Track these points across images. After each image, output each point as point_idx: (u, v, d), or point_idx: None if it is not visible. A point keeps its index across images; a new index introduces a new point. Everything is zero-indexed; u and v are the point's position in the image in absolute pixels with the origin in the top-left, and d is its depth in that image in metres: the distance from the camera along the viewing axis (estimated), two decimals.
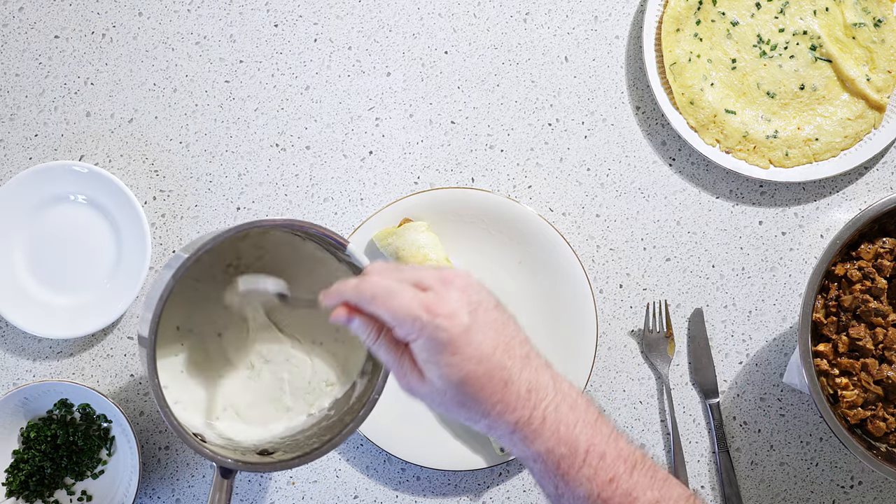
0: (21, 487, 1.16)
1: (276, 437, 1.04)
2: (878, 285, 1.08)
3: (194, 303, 1.05)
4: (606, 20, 1.23)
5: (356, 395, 1.03)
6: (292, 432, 1.04)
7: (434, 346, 0.76)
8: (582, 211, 1.22)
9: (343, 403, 1.04)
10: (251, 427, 1.05)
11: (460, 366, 0.76)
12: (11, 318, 1.16)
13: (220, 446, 0.99)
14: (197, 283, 1.04)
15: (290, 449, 1.01)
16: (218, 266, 1.05)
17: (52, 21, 1.22)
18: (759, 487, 1.20)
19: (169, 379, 1.03)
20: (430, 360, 0.77)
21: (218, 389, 1.05)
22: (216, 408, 1.05)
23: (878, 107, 1.20)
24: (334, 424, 1.02)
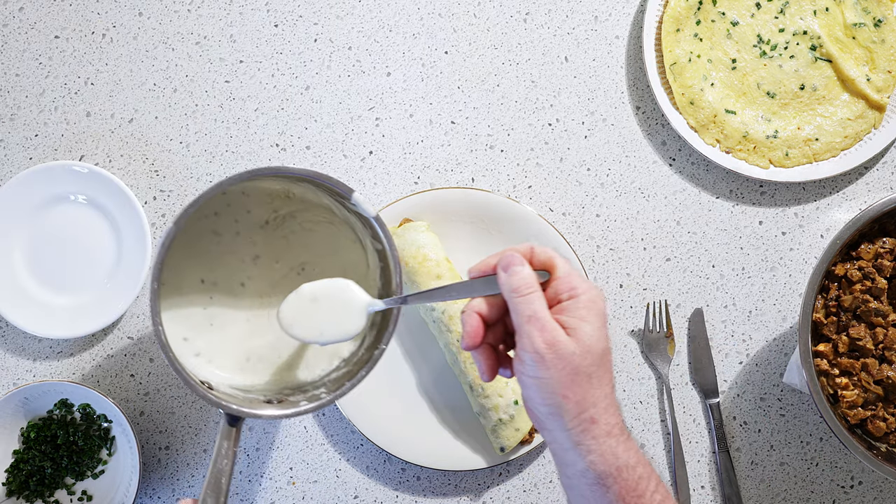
0: (21, 487, 1.16)
1: (287, 387, 1.04)
2: (878, 285, 1.08)
3: (217, 256, 1.05)
4: (606, 20, 1.23)
5: (365, 346, 1.03)
6: (302, 383, 1.04)
7: (597, 310, 0.85)
8: (582, 211, 1.22)
9: (353, 356, 1.04)
10: (264, 376, 1.05)
11: (605, 337, 0.85)
12: (11, 318, 1.16)
13: (226, 394, 0.99)
14: (218, 236, 1.05)
15: (298, 398, 1.01)
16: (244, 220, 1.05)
17: (52, 21, 1.22)
18: (759, 487, 1.20)
19: (193, 332, 1.03)
20: (587, 319, 0.84)
21: (241, 340, 1.05)
22: (240, 359, 1.05)
23: (878, 107, 1.20)
24: (344, 375, 1.02)
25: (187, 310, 1.04)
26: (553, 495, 1.20)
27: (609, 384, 0.85)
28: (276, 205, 1.06)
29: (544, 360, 0.83)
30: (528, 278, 0.85)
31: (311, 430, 1.20)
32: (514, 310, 0.85)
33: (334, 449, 1.20)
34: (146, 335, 1.20)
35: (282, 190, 1.05)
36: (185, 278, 1.04)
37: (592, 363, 0.83)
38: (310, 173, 0.96)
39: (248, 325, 1.06)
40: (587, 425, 0.84)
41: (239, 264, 1.06)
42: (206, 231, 1.04)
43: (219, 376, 1.03)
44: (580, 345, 0.83)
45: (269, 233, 1.06)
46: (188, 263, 1.04)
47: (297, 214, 1.07)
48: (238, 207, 1.05)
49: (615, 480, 0.84)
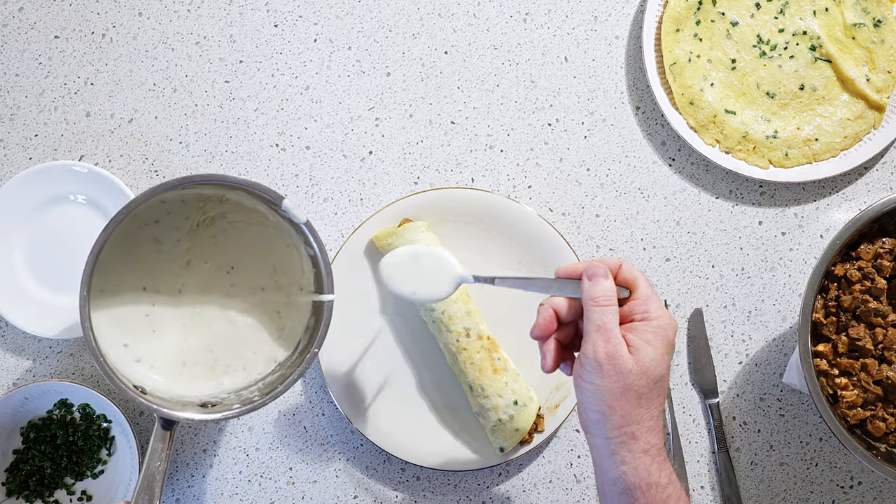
0: (21, 487, 1.16)
1: (222, 392, 1.07)
2: (878, 285, 1.08)
3: (158, 264, 1.08)
4: (606, 20, 1.23)
5: (299, 349, 1.07)
6: (237, 388, 1.07)
7: (664, 336, 0.90)
8: (582, 211, 1.22)
9: (287, 360, 1.07)
10: (202, 380, 1.08)
11: (665, 364, 0.90)
12: (11, 318, 1.16)
13: (160, 398, 1.02)
14: (159, 244, 1.07)
15: (233, 401, 1.04)
16: (183, 227, 1.08)
17: (52, 21, 1.22)
18: (758, 487, 1.20)
19: (134, 338, 1.06)
20: (652, 343, 0.89)
21: (177, 345, 1.08)
22: (177, 363, 1.08)
23: (877, 107, 1.20)
24: (278, 378, 1.05)
25: (130, 316, 1.07)
26: (553, 495, 1.20)
27: (658, 408, 0.90)
28: (206, 207, 1.08)
29: (602, 370, 0.88)
30: (607, 291, 0.91)
31: (311, 430, 1.20)
32: (587, 316, 0.91)
33: (334, 449, 1.20)
34: None
35: (215, 195, 1.07)
36: (126, 285, 1.07)
37: (646, 384, 0.88)
38: (240, 181, 1.01)
39: (184, 329, 1.09)
40: (627, 439, 0.88)
41: (177, 270, 1.09)
42: (147, 239, 1.07)
43: (158, 381, 1.06)
44: (638, 364, 0.88)
45: (198, 234, 1.09)
46: (130, 271, 1.07)
47: (228, 215, 1.09)
48: (178, 215, 1.08)
49: (643, 494, 0.88)
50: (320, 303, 1.05)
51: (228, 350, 1.09)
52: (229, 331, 1.09)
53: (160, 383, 1.06)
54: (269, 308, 1.10)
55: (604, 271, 0.92)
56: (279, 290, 1.09)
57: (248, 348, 1.09)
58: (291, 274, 1.09)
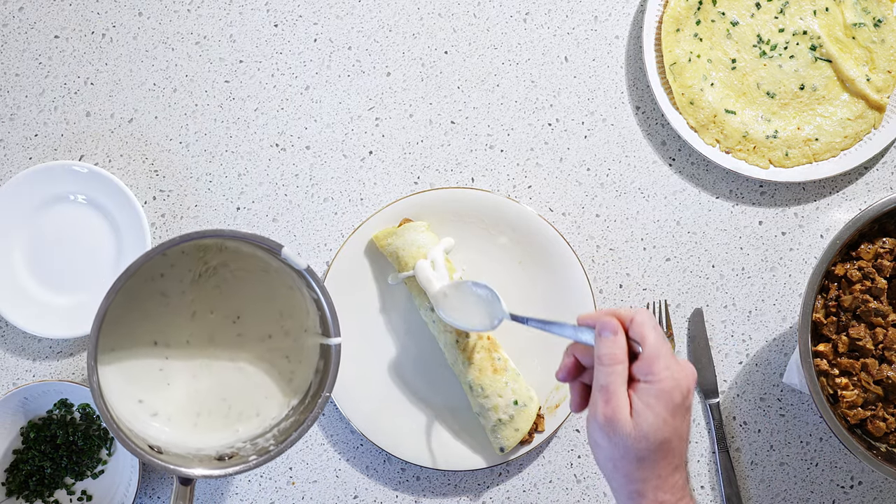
0: (21, 487, 1.16)
1: (237, 441, 1.05)
2: (878, 285, 1.08)
3: (166, 317, 1.06)
4: (606, 20, 1.23)
5: (311, 393, 1.06)
6: (253, 434, 1.06)
7: (668, 400, 0.85)
8: (582, 211, 1.22)
9: (300, 404, 1.06)
10: (217, 430, 1.06)
11: (670, 428, 0.85)
12: (11, 318, 1.16)
13: (178, 455, 1.01)
14: (166, 297, 1.06)
15: (249, 451, 1.03)
16: (186, 279, 1.07)
17: (52, 21, 1.22)
18: (759, 487, 1.20)
19: (149, 392, 1.05)
20: (653, 407, 0.85)
21: (190, 396, 1.07)
22: (192, 414, 1.07)
23: (878, 107, 1.20)
24: (292, 425, 1.04)
25: (143, 371, 1.06)
26: (553, 495, 1.20)
27: (667, 467, 0.86)
28: (206, 257, 1.07)
29: (602, 431, 0.86)
30: (614, 349, 0.87)
31: (311, 431, 1.20)
32: (595, 373, 0.88)
33: (334, 449, 1.20)
34: None
35: (214, 244, 1.06)
36: (137, 341, 1.05)
37: (646, 448, 0.85)
38: (238, 234, 1.00)
39: (196, 380, 1.08)
40: (634, 496, 0.87)
41: (183, 322, 1.07)
42: (154, 293, 1.06)
43: (174, 435, 1.05)
44: (637, 430, 0.85)
45: (201, 285, 1.07)
46: (140, 326, 1.05)
47: (229, 263, 1.07)
48: (180, 267, 1.06)
49: None
50: (328, 346, 1.04)
51: (241, 398, 1.07)
52: (240, 379, 1.08)
53: (176, 436, 1.05)
54: (278, 354, 1.08)
55: (612, 327, 0.87)
56: (286, 335, 1.08)
57: (260, 394, 1.07)
58: (297, 316, 1.08)
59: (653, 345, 0.87)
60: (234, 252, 1.07)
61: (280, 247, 0.99)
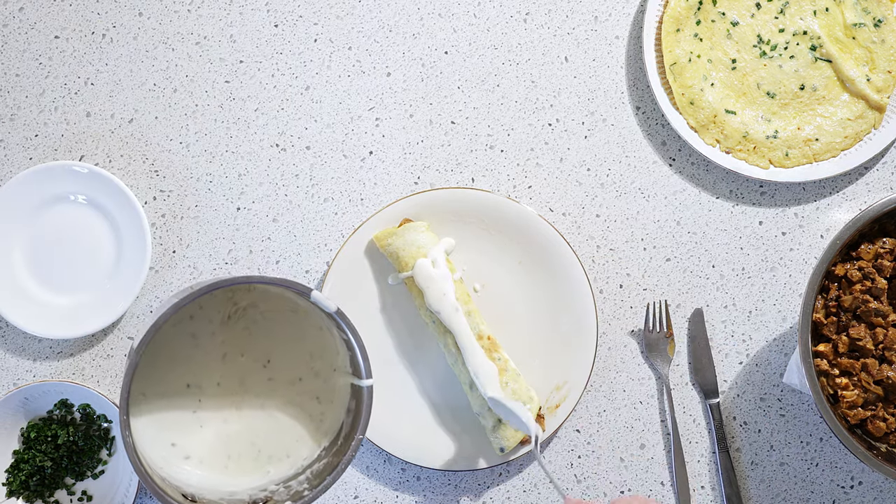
0: (21, 487, 1.16)
1: (270, 483, 1.04)
2: (878, 285, 1.08)
3: (198, 359, 1.05)
4: (606, 20, 1.23)
5: (343, 434, 1.04)
6: (285, 476, 1.04)
7: None
8: (582, 211, 1.22)
9: (333, 445, 1.04)
10: (248, 472, 1.05)
11: None
12: (11, 318, 1.16)
13: (211, 501, 1.00)
14: (196, 339, 1.05)
15: (282, 496, 1.01)
16: (216, 320, 1.05)
17: (52, 21, 1.22)
18: (759, 487, 1.20)
19: (182, 435, 1.04)
20: None
21: (221, 440, 1.06)
22: (223, 457, 1.05)
23: (878, 107, 1.20)
24: (325, 467, 1.02)
25: (175, 413, 1.04)
26: (553, 495, 1.20)
27: None
28: (235, 297, 1.05)
29: None
30: None
31: None
32: None
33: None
34: None
35: (242, 285, 1.04)
36: (170, 385, 1.04)
37: None
38: (266, 279, 0.96)
39: (226, 425, 1.06)
40: None
41: (214, 364, 1.06)
42: (184, 335, 1.04)
43: (206, 478, 1.03)
44: None
45: (231, 326, 1.06)
46: (172, 370, 1.04)
47: (259, 304, 1.06)
48: (209, 308, 1.05)
49: None
50: (359, 387, 1.02)
51: (271, 441, 1.06)
52: (270, 423, 1.06)
53: (208, 480, 1.03)
54: (308, 396, 1.07)
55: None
56: (316, 376, 1.07)
57: (290, 437, 1.06)
58: (327, 357, 1.06)
59: None
60: (262, 292, 1.05)
61: (309, 290, 0.97)
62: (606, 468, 1.20)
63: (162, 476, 0.98)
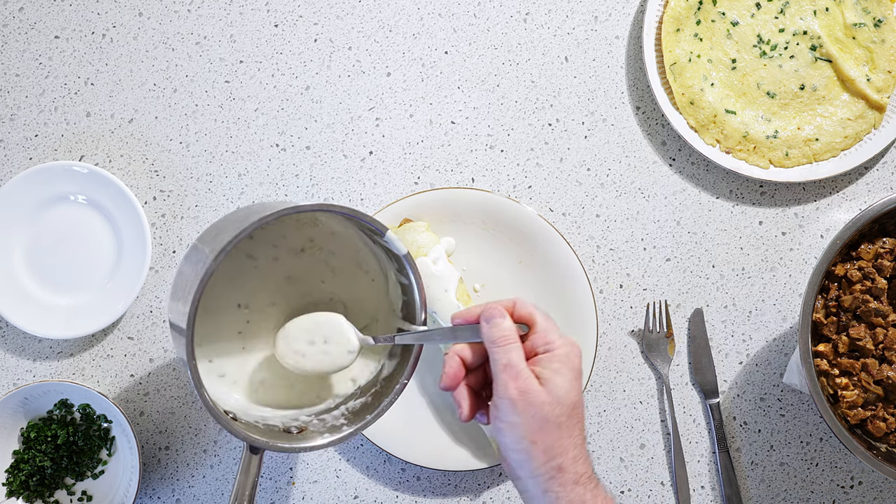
0: (21, 487, 1.16)
1: (302, 414, 1.03)
2: (879, 285, 1.08)
3: (254, 280, 1.04)
4: (606, 20, 1.23)
5: (383, 376, 1.03)
6: (318, 409, 1.04)
7: (570, 364, 0.90)
8: (582, 211, 1.22)
9: (370, 385, 1.04)
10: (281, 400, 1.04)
11: (577, 390, 0.90)
12: (11, 318, 1.16)
13: (249, 423, 0.99)
14: (253, 260, 1.03)
15: (317, 428, 1.00)
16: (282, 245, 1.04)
17: (52, 21, 1.22)
18: (759, 487, 1.20)
19: (222, 355, 1.03)
20: (560, 372, 0.89)
21: (261, 363, 1.05)
22: (256, 382, 1.04)
23: (878, 107, 1.20)
24: (363, 408, 1.02)
25: (220, 333, 1.03)
26: None
27: (579, 435, 0.90)
28: (310, 233, 1.04)
29: (516, 407, 0.88)
30: (506, 330, 0.90)
31: None
32: (492, 359, 0.90)
33: (334, 449, 1.20)
34: (146, 335, 1.20)
35: (309, 218, 1.04)
36: (219, 302, 1.02)
37: (562, 413, 0.88)
38: (349, 211, 0.96)
39: (266, 346, 1.05)
40: (555, 473, 0.88)
41: (273, 286, 1.05)
42: (240, 255, 1.03)
43: (238, 400, 1.03)
44: (551, 395, 0.88)
45: (304, 259, 1.05)
46: (224, 287, 1.02)
47: (334, 249, 1.06)
48: (271, 231, 1.03)
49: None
50: None
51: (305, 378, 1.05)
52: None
53: (239, 402, 1.03)
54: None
55: (500, 312, 0.91)
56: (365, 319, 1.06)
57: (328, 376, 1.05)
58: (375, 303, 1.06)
59: (542, 319, 0.92)
60: (327, 230, 1.05)
61: (385, 229, 0.97)
62: (606, 468, 1.20)
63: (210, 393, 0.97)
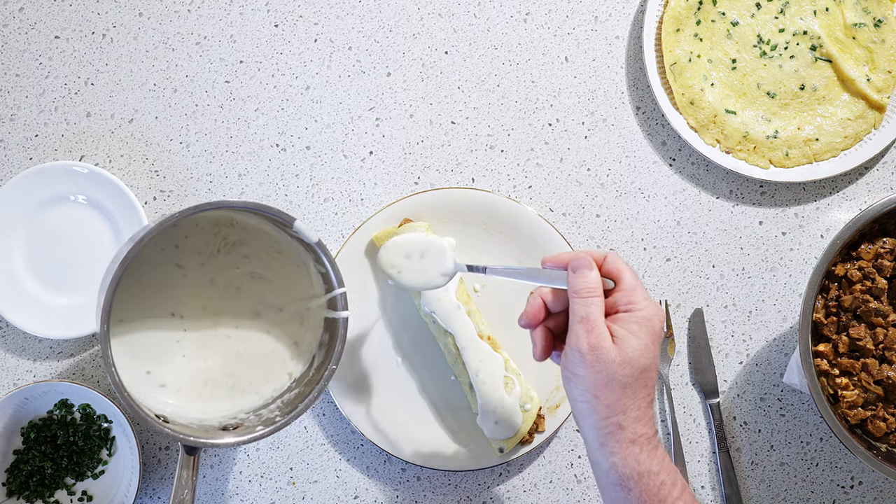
0: (21, 487, 1.16)
1: (240, 412, 1.06)
2: (879, 285, 1.08)
3: (183, 289, 1.07)
4: (606, 20, 1.23)
5: (315, 366, 1.06)
6: (255, 406, 1.06)
7: (649, 327, 0.89)
8: (582, 211, 1.22)
9: (304, 376, 1.06)
10: (220, 401, 1.07)
11: (651, 354, 0.89)
12: (11, 318, 1.16)
13: (183, 425, 1.01)
14: (182, 269, 1.06)
15: (253, 423, 1.03)
16: (204, 252, 1.07)
17: (52, 21, 1.22)
18: (759, 487, 1.20)
19: (159, 364, 1.05)
20: (636, 333, 0.89)
21: (199, 367, 1.07)
22: (199, 384, 1.07)
23: (878, 107, 1.20)
24: (296, 397, 1.04)
25: (155, 341, 1.06)
26: (553, 495, 1.20)
27: (645, 398, 0.89)
28: (223, 232, 1.07)
29: (585, 360, 0.88)
30: (591, 282, 0.90)
31: (312, 431, 1.20)
32: (572, 308, 0.90)
33: (334, 449, 1.20)
34: None
35: (225, 217, 1.06)
36: (152, 311, 1.05)
37: (630, 374, 0.88)
38: (251, 205, 1.00)
39: (205, 350, 1.08)
40: (614, 429, 0.88)
41: (201, 292, 1.08)
42: (168, 264, 1.06)
43: (178, 407, 1.05)
44: (622, 355, 0.88)
45: (220, 259, 1.08)
46: (155, 297, 1.05)
47: (248, 241, 1.08)
48: (195, 238, 1.06)
49: (636, 484, 0.88)
50: (334, 319, 1.04)
51: (244, 372, 1.08)
52: (245, 355, 1.08)
53: (179, 407, 1.05)
54: (282, 330, 1.09)
55: (588, 263, 0.91)
56: (292, 311, 1.09)
57: (262, 369, 1.08)
58: (302, 292, 1.09)
59: (630, 277, 0.91)
60: (246, 229, 1.07)
61: (292, 219, 0.99)
62: None
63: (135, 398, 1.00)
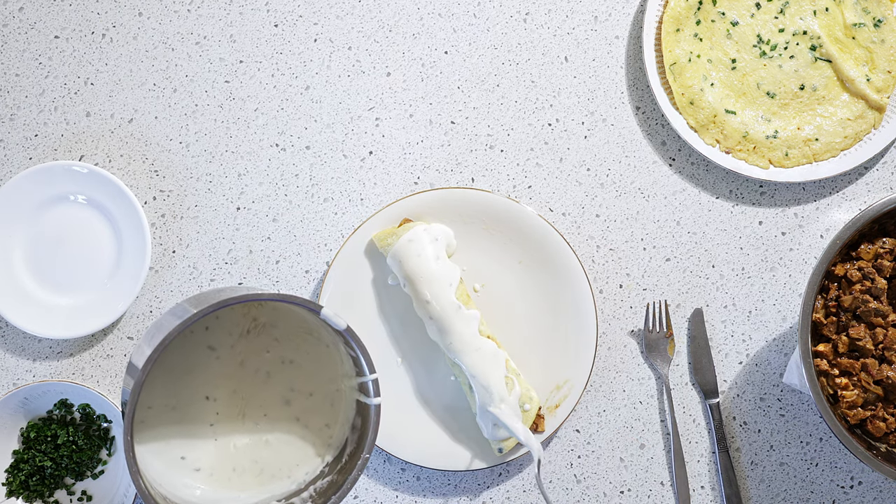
0: (21, 487, 1.16)
1: (272, 499, 1.02)
2: (878, 285, 1.08)
3: (216, 370, 1.04)
4: (606, 20, 1.23)
5: (348, 452, 1.02)
6: (287, 492, 1.02)
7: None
8: (582, 211, 1.22)
9: (336, 462, 1.03)
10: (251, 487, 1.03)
11: None
12: (11, 318, 1.16)
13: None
14: (214, 350, 1.03)
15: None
16: (235, 332, 1.04)
17: (52, 21, 1.22)
18: (759, 487, 1.20)
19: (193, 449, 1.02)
20: None
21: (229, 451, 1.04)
22: (228, 470, 1.04)
23: (878, 107, 1.20)
24: (329, 486, 1.00)
25: (189, 426, 1.02)
26: (553, 495, 1.20)
27: None
28: (252, 312, 1.04)
29: None
30: None
31: None
32: None
33: None
34: None
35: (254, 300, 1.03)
36: (184, 396, 1.02)
37: None
38: (279, 297, 0.94)
39: (236, 438, 1.04)
40: None
41: (231, 372, 1.04)
42: (200, 346, 1.02)
43: (210, 492, 1.01)
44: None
45: (251, 340, 1.04)
46: (188, 381, 1.02)
47: (277, 323, 1.05)
48: (225, 319, 1.03)
49: None
50: (366, 404, 1.00)
51: (274, 458, 1.04)
52: (275, 439, 1.05)
53: (212, 494, 1.01)
54: (314, 413, 1.05)
55: None
56: (323, 394, 1.05)
57: (294, 454, 1.04)
58: (333, 374, 1.05)
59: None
60: (275, 309, 1.04)
61: (319, 307, 0.95)
62: (606, 468, 1.20)
63: (163, 494, 0.96)
